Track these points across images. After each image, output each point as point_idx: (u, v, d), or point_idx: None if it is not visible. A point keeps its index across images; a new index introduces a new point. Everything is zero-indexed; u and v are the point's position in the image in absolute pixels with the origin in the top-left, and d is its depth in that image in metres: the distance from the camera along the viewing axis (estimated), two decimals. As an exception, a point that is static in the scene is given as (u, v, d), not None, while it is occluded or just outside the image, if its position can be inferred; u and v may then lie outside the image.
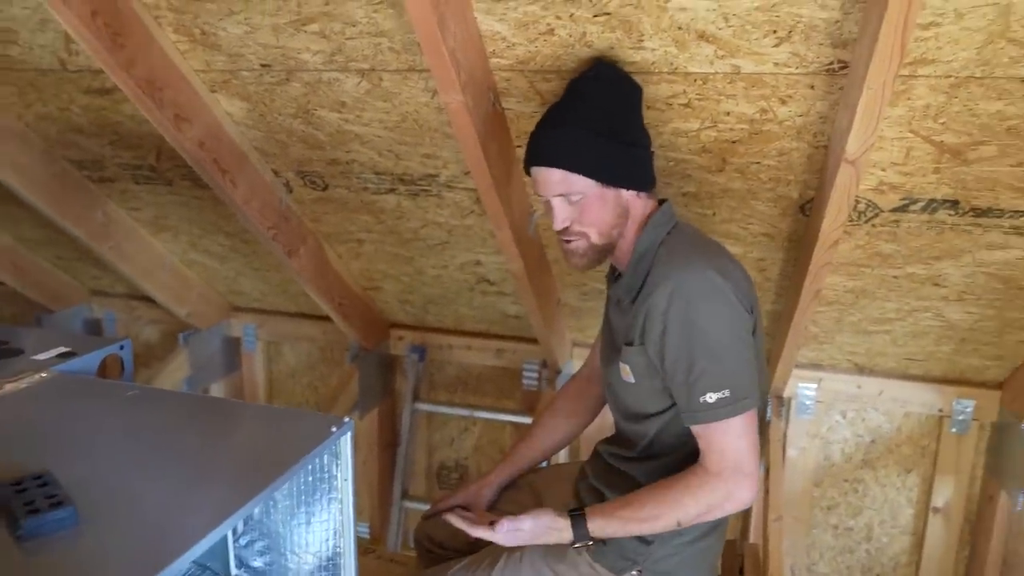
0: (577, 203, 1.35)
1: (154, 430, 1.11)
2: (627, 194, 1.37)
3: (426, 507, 2.74)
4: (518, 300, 2.40)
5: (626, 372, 1.39)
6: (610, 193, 1.35)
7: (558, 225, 1.37)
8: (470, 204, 1.98)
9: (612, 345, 1.48)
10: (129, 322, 3.15)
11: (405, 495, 2.71)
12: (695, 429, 1.30)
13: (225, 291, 2.87)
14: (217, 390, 2.91)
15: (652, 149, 1.42)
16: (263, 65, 1.64)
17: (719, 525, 1.43)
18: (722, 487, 1.27)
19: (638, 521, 1.31)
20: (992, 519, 2.21)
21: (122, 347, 1.42)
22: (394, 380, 2.87)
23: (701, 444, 1.30)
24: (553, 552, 1.44)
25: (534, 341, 2.61)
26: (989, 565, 2.23)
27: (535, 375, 2.62)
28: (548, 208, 1.38)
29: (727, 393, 1.25)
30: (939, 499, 2.34)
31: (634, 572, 1.38)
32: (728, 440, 1.27)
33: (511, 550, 1.47)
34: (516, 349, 2.64)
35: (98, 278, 3.06)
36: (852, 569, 2.51)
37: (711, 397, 1.25)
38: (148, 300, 2.94)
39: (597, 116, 1.34)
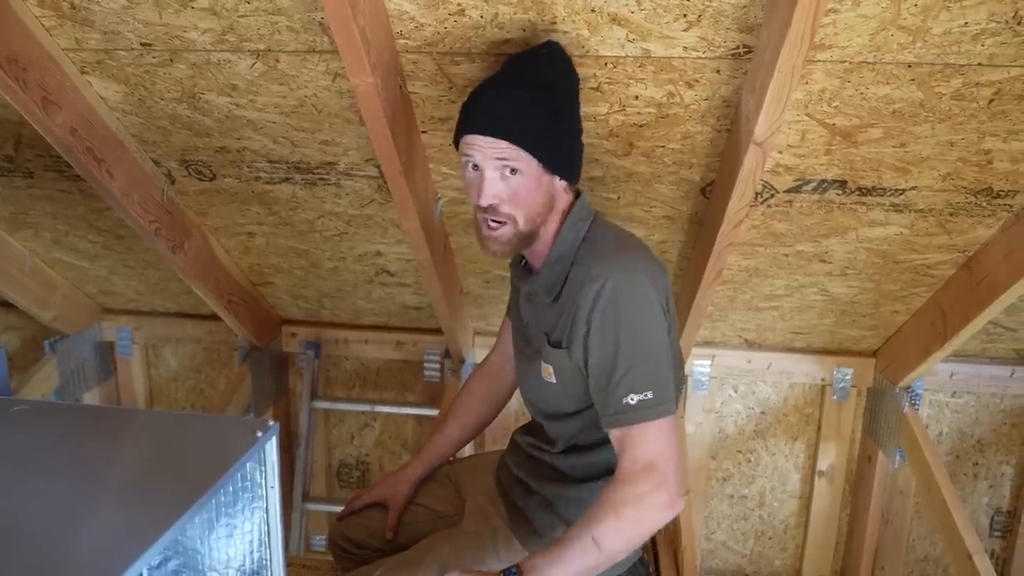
0: (512, 182, 1.26)
1: (56, 450, 0.99)
2: (559, 184, 1.33)
3: (329, 508, 2.67)
4: (419, 291, 2.35)
5: (548, 372, 1.35)
6: (546, 179, 1.29)
7: (487, 200, 1.26)
8: (371, 193, 1.90)
9: (525, 339, 1.46)
10: (-20, 330, 2.85)
11: (306, 497, 2.60)
12: (613, 434, 1.24)
13: (95, 292, 2.65)
14: (91, 400, 2.68)
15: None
16: (143, 44, 1.51)
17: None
18: (631, 491, 1.18)
19: (566, 561, 1.17)
20: (871, 478, 2.37)
21: (-6, 357, 1.26)
22: (288, 379, 2.75)
23: (617, 450, 1.23)
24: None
25: (434, 332, 2.57)
26: (870, 521, 2.40)
27: (437, 366, 2.57)
28: (476, 182, 1.28)
29: (650, 395, 1.20)
30: (823, 463, 2.50)
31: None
32: (645, 444, 1.20)
33: (441, 548, 1.43)
34: (416, 341, 2.59)
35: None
36: (747, 535, 2.64)
37: (633, 399, 1.20)
38: (3, 305, 2.67)
39: (551, 98, 1.29)
